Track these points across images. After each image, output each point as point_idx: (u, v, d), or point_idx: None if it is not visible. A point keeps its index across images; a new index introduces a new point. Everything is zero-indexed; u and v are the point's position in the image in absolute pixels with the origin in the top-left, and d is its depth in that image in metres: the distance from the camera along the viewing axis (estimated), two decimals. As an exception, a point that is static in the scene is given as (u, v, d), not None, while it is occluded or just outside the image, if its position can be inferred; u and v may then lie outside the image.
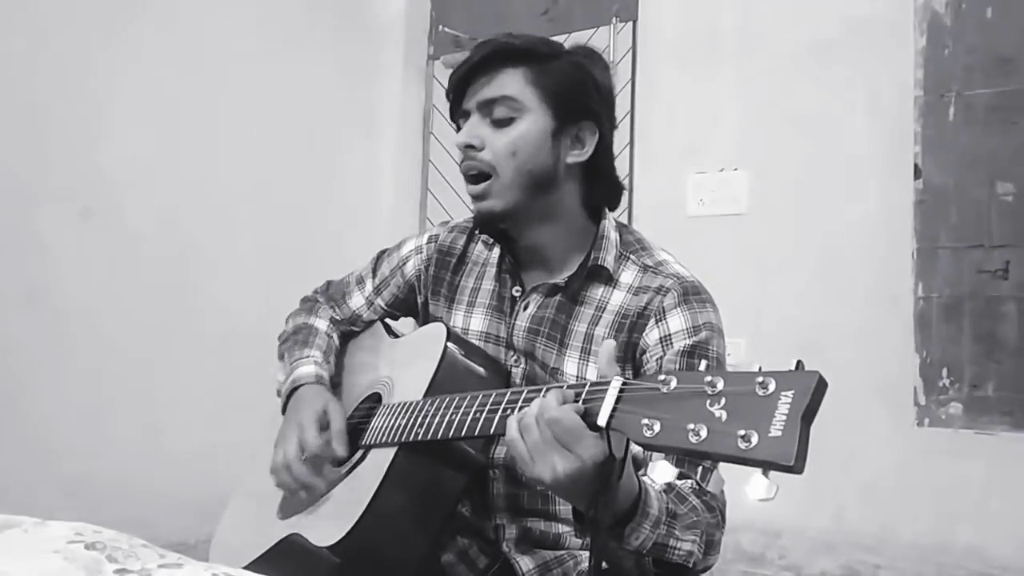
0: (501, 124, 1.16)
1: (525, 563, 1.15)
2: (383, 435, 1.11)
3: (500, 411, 0.96)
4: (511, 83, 1.16)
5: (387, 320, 1.42)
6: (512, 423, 0.90)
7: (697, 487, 1.04)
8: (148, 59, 2.44)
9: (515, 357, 1.21)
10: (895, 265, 2.29)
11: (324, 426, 1.19)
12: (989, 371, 2.17)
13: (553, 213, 1.19)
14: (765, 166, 2.51)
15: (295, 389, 1.28)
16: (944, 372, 2.22)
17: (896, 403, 2.26)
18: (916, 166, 2.29)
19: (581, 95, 1.19)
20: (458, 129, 1.24)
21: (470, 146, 1.16)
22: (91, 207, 2.31)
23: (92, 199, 2.32)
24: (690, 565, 0.96)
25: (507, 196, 1.16)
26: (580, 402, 0.86)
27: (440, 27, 3.17)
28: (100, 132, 2.34)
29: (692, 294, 1.15)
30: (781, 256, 2.46)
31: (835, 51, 2.43)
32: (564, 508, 1.15)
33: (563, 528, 1.18)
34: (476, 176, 1.17)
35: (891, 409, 2.27)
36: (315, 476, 1.15)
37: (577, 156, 1.19)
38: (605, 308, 1.17)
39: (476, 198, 1.18)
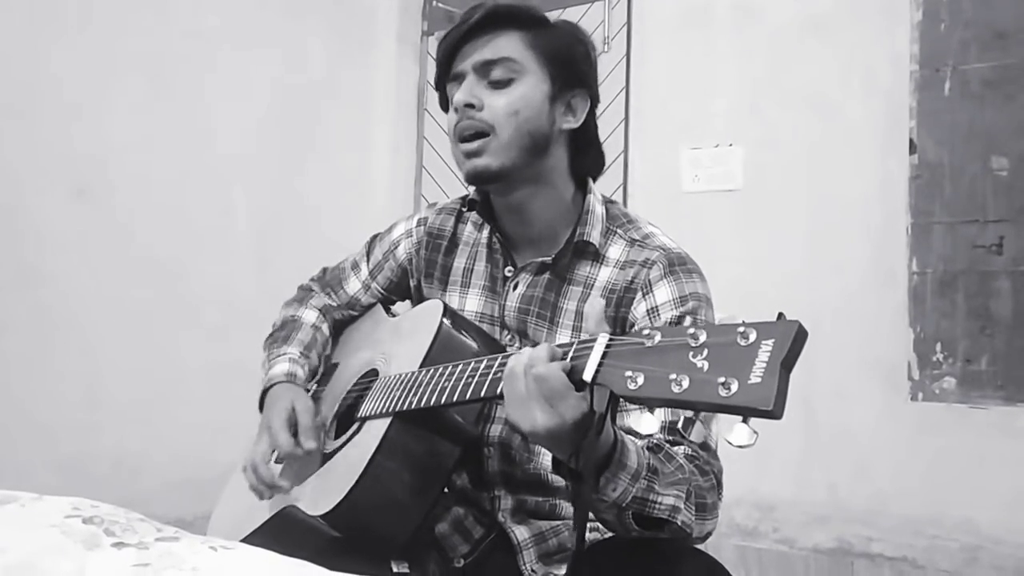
0: (499, 85, 1.15)
1: (521, 533, 1.16)
2: (378, 407, 1.11)
3: (491, 375, 0.96)
4: (510, 45, 1.16)
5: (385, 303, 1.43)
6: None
7: (691, 454, 1.03)
8: (140, 38, 2.42)
9: (509, 336, 1.21)
10: (890, 240, 2.29)
11: (293, 424, 1.20)
12: (983, 346, 2.18)
13: (542, 178, 1.19)
14: (760, 142, 2.51)
15: (268, 389, 1.28)
16: (938, 347, 2.23)
17: (890, 378, 2.27)
18: (911, 141, 2.28)
19: (577, 63, 1.20)
20: (443, 97, 1.23)
21: (470, 105, 1.15)
22: (83, 187, 2.30)
23: (84, 179, 2.30)
24: (677, 522, 0.95)
25: (503, 155, 1.14)
26: (568, 359, 0.86)
27: (434, 3, 3.15)
28: (92, 112, 2.32)
29: (678, 265, 1.15)
30: (776, 231, 2.46)
31: (831, 26, 2.42)
32: (559, 480, 1.15)
33: (559, 499, 1.18)
34: (472, 135, 1.15)
35: (885, 384, 2.28)
36: (281, 478, 1.17)
37: (570, 123, 1.20)
38: (593, 285, 1.18)
39: (470, 155, 1.16)
